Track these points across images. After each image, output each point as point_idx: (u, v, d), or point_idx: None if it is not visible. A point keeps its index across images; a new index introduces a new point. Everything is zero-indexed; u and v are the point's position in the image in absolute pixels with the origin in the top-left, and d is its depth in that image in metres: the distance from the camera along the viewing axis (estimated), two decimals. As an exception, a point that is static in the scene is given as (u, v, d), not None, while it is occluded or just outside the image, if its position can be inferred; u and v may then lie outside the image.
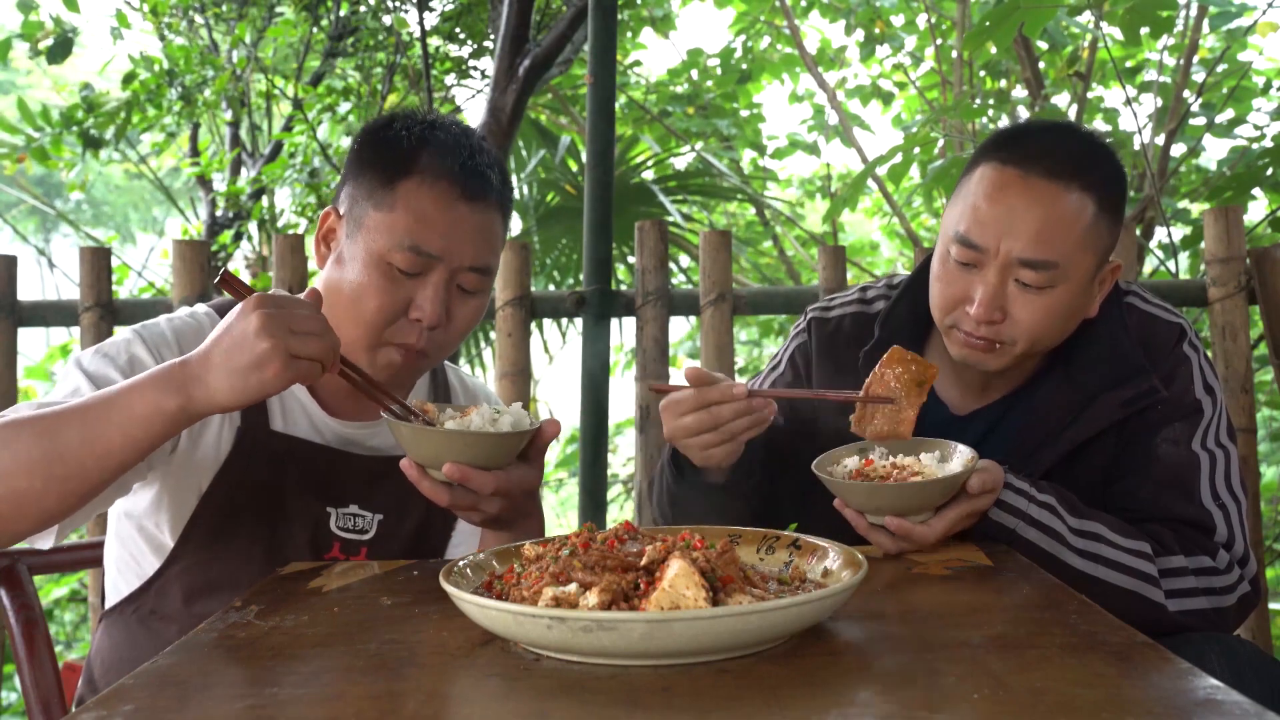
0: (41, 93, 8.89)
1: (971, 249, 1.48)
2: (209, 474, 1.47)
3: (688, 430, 1.39)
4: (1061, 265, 1.46)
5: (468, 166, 1.46)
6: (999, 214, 1.46)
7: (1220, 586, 1.45)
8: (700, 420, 1.38)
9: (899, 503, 1.33)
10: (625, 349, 5.58)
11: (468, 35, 4.12)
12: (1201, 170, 4.52)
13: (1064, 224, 1.45)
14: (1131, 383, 1.53)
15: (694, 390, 1.38)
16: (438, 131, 1.49)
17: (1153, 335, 1.58)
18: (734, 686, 0.86)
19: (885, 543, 1.35)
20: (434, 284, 1.44)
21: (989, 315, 1.47)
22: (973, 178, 1.52)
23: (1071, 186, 1.46)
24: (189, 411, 1.22)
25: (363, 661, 0.95)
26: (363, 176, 1.47)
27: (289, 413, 1.53)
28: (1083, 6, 3.61)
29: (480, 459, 1.28)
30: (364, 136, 1.52)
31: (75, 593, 4.35)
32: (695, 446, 1.40)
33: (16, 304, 2.78)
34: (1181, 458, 1.51)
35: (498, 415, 1.33)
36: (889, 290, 1.74)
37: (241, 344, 1.18)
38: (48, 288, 7.52)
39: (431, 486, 1.30)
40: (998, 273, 1.47)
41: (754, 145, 5.88)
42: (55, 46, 4.42)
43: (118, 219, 12.51)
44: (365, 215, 1.45)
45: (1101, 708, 0.78)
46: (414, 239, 1.42)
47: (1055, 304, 1.48)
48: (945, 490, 1.34)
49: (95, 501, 1.34)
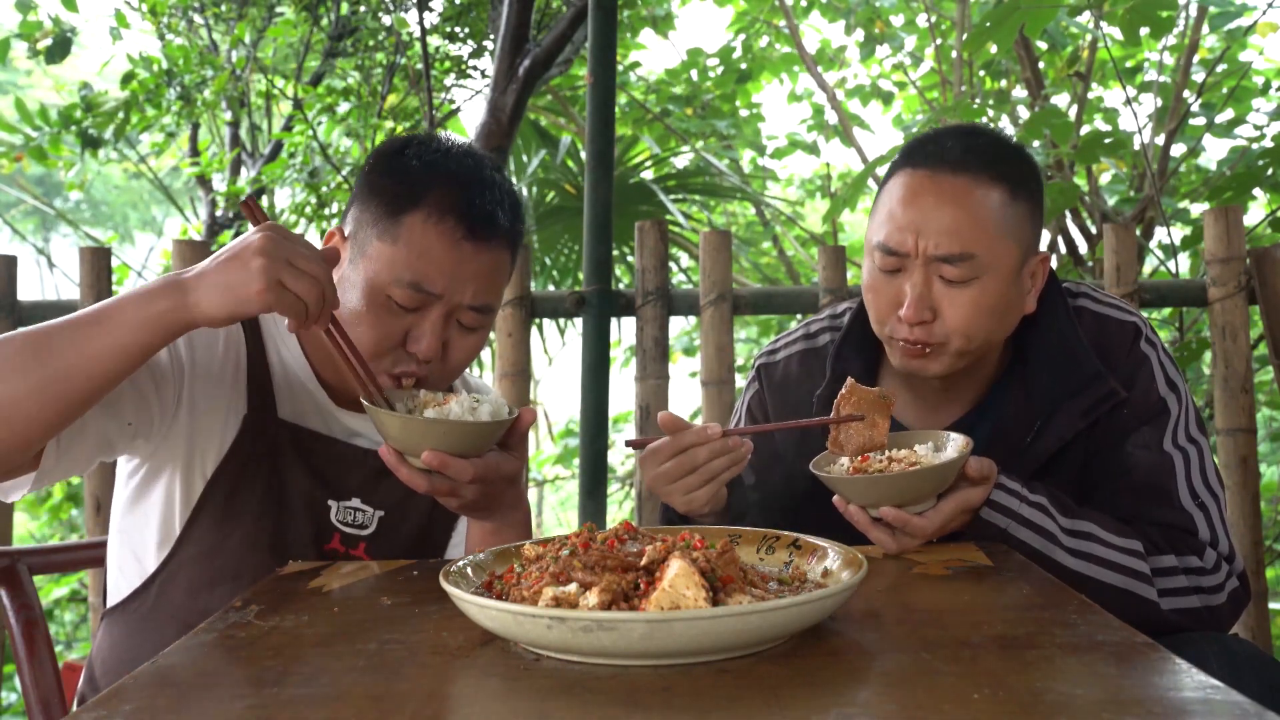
0: (40, 92, 8.89)
1: (893, 255, 1.49)
2: (214, 460, 1.47)
3: (668, 477, 1.39)
4: (980, 255, 1.46)
5: (476, 204, 1.43)
6: (913, 216, 1.48)
7: (1210, 585, 1.45)
8: (679, 465, 1.38)
9: (901, 493, 1.33)
10: (624, 345, 5.58)
11: (468, 35, 4.11)
12: (1201, 170, 4.52)
13: (975, 215, 1.47)
14: (1089, 390, 1.52)
15: (669, 437, 1.39)
16: (450, 162, 1.46)
17: (1107, 337, 1.57)
18: (734, 686, 0.86)
19: (886, 541, 1.35)
20: (432, 320, 1.42)
21: (919, 315, 1.48)
22: (888, 187, 1.54)
23: (979, 179, 1.48)
24: (176, 317, 1.22)
25: (363, 661, 0.95)
26: (370, 202, 1.45)
27: (296, 401, 1.53)
28: (1083, 6, 3.61)
29: (458, 447, 1.29)
30: (375, 159, 1.50)
31: (75, 593, 4.35)
32: (677, 492, 1.40)
33: (16, 304, 2.78)
34: (1154, 461, 1.50)
35: (477, 404, 1.34)
36: (833, 322, 1.74)
37: (239, 258, 1.20)
38: (47, 288, 7.52)
39: (410, 473, 1.31)
40: (921, 272, 1.48)
41: (753, 145, 5.89)
42: (54, 46, 4.42)
43: (117, 219, 12.50)
44: (369, 244, 1.43)
45: (1101, 707, 0.78)
46: (415, 276, 1.40)
47: (982, 296, 1.48)
48: (945, 475, 1.34)
49: (78, 446, 1.34)
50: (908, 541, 1.35)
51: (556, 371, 4.94)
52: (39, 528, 4.84)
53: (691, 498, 1.40)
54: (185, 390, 1.46)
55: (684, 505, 1.41)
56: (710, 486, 1.39)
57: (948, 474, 1.35)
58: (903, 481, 1.33)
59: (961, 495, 1.37)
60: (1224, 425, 2.71)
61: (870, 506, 1.36)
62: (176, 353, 1.46)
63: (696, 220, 5.39)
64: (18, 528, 4.17)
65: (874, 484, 1.34)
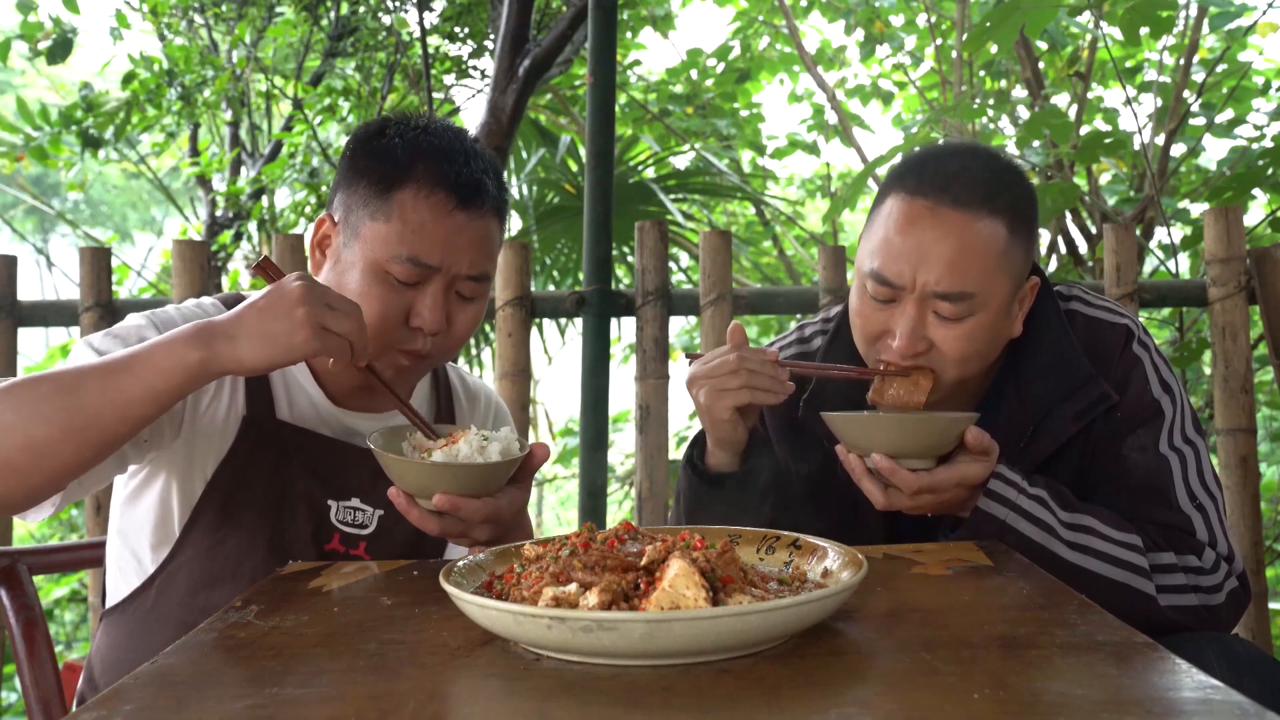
0: (35, 91, 8.88)
1: (887, 286, 1.47)
2: (214, 461, 1.48)
3: (711, 371, 1.44)
4: (978, 295, 1.45)
5: (463, 175, 1.45)
6: (910, 248, 1.45)
7: (1208, 585, 1.45)
8: (726, 363, 1.44)
9: (896, 439, 1.35)
10: (623, 343, 5.59)
11: (468, 35, 4.11)
12: (1201, 170, 4.52)
13: (976, 254, 1.44)
14: (1081, 393, 1.52)
15: (733, 348, 1.45)
16: (431, 138, 1.48)
17: (1100, 340, 1.56)
18: (734, 686, 0.86)
19: (875, 493, 1.37)
20: (432, 292, 1.44)
21: (912, 349, 1.47)
22: (882, 210, 1.51)
23: (980, 214, 1.44)
24: (210, 367, 1.23)
25: (363, 661, 0.95)
26: (357, 184, 1.47)
27: (295, 402, 1.53)
28: (1083, 6, 3.61)
29: (469, 489, 1.29)
30: (356, 143, 1.52)
31: (75, 593, 4.36)
32: (713, 387, 1.44)
33: (16, 304, 2.78)
34: (1152, 463, 1.50)
35: (485, 442, 1.34)
36: (825, 325, 1.74)
37: (277, 307, 1.22)
38: (47, 288, 7.52)
39: (420, 515, 1.32)
40: (916, 306, 1.46)
41: (753, 145, 5.88)
42: (55, 47, 4.42)
43: (116, 219, 12.50)
44: (362, 224, 1.45)
45: (1101, 707, 0.78)
46: (411, 250, 1.42)
47: (976, 330, 1.47)
48: (942, 432, 1.35)
49: (98, 471, 1.34)
50: (898, 497, 1.37)
51: (556, 371, 4.94)
52: (39, 527, 4.84)
53: (722, 394, 1.44)
54: (191, 398, 1.47)
55: (711, 399, 1.45)
56: (740, 394, 1.43)
57: (945, 429, 1.36)
58: (899, 425, 1.35)
59: (960, 468, 1.38)
60: (1224, 425, 2.71)
61: (866, 454, 1.37)
62: None
63: (696, 220, 5.39)
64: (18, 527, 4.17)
65: (872, 424, 1.36)
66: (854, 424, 1.37)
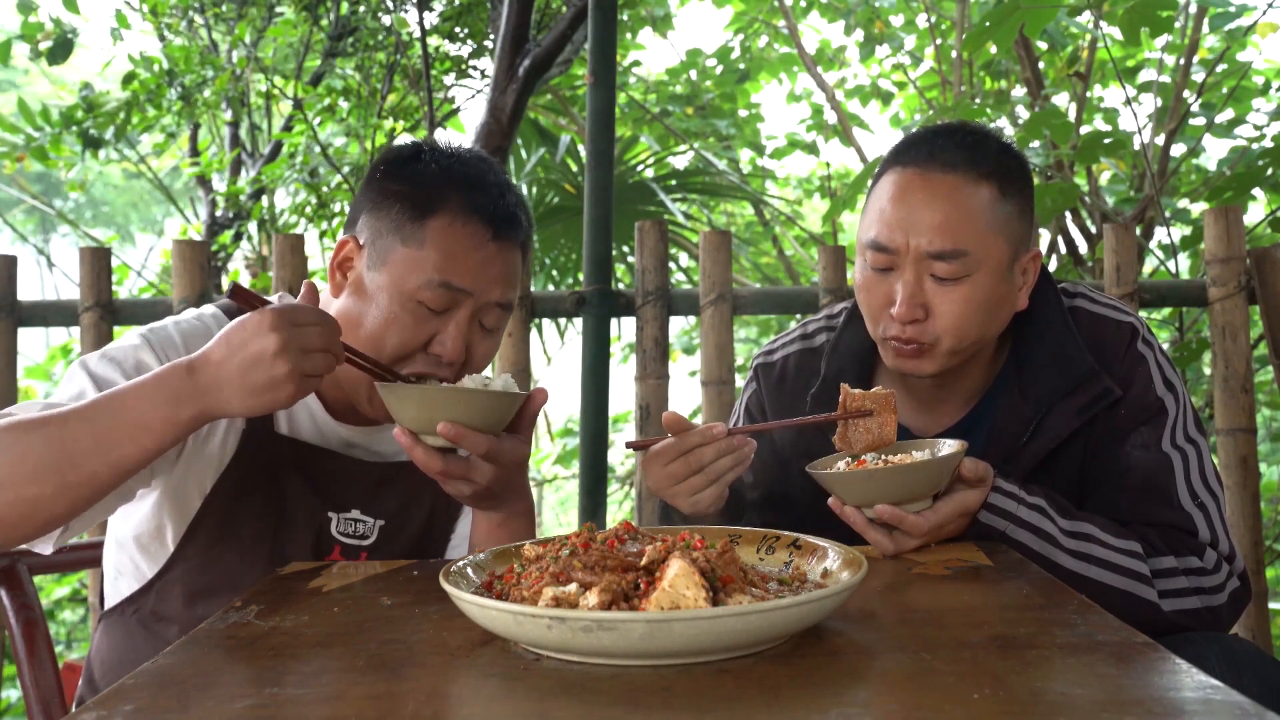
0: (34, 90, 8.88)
1: (884, 252, 1.50)
2: (212, 475, 1.47)
3: (674, 478, 1.39)
4: (972, 252, 1.47)
5: (499, 206, 1.47)
6: (904, 214, 1.49)
7: (1210, 586, 1.45)
8: (685, 465, 1.38)
9: (896, 489, 1.33)
10: (622, 343, 5.59)
11: (468, 35, 4.11)
12: (1201, 170, 4.52)
13: (966, 211, 1.48)
14: (1083, 389, 1.52)
15: (674, 438, 1.38)
16: (466, 166, 1.49)
17: (1104, 337, 1.57)
18: (734, 686, 0.86)
19: (883, 542, 1.35)
20: (458, 321, 1.45)
21: (911, 313, 1.48)
22: (878, 186, 1.55)
23: (969, 175, 1.49)
24: (200, 421, 1.25)
25: (363, 661, 0.95)
26: (387, 209, 1.46)
27: (294, 416, 1.53)
28: (1083, 6, 3.61)
29: (474, 418, 1.29)
30: (386, 166, 1.51)
31: (75, 593, 4.36)
32: (683, 493, 1.39)
33: (16, 304, 2.78)
34: (1154, 461, 1.50)
35: (487, 382, 1.35)
36: (829, 322, 1.75)
37: (259, 363, 1.21)
38: (47, 287, 7.52)
39: (424, 454, 1.31)
40: (912, 269, 1.48)
41: (753, 145, 5.88)
42: (55, 47, 4.42)
43: (117, 219, 12.50)
44: (391, 250, 1.44)
45: (1101, 707, 0.78)
46: (445, 276, 1.42)
47: (974, 293, 1.48)
48: (939, 472, 1.34)
49: (98, 507, 1.34)
50: (905, 541, 1.35)
51: (556, 371, 4.93)
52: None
53: (698, 499, 1.39)
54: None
55: (690, 507, 1.40)
56: (715, 488, 1.39)
57: (942, 470, 1.35)
58: (897, 476, 1.32)
59: (958, 498, 1.37)
60: (1224, 425, 2.71)
61: (866, 506, 1.35)
62: None
63: (696, 220, 5.39)
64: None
65: (869, 479, 1.33)
66: (853, 481, 1.34)
